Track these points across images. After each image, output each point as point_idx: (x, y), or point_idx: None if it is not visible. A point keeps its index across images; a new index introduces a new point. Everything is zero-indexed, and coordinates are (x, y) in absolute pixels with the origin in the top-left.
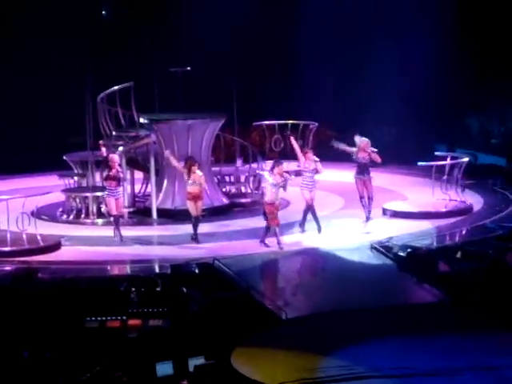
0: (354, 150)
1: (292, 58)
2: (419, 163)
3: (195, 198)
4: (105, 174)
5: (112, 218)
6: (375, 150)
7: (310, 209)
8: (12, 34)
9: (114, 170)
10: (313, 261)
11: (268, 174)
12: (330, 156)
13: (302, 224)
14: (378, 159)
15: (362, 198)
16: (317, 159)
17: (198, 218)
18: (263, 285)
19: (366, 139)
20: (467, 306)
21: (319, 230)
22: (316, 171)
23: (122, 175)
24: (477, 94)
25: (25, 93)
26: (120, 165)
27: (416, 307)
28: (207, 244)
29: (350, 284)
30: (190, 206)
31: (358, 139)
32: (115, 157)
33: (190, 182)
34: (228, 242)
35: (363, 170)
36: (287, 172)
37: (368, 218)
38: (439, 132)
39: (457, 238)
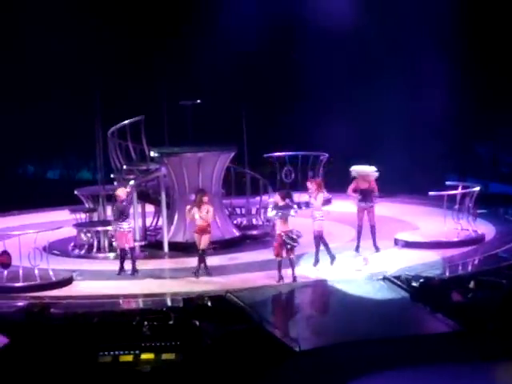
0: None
1: (303, 88)
2: (430, 193)
3: (201, 231)
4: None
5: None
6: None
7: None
8: (23, 67)
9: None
10: (325, 292)
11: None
12: (340, 186)
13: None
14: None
15: (361, 227)
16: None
17: (203, 251)
18: (276, 317)
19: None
20: (481, 335)
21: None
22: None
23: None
24: (487, 124)
25: (35, 128)
26: (122, 200)
27: (430, 337)
28: (219, 277)
29: (362, 315)
30: (197, 239)
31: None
32: (119, 191)
33: (197, 215)
34: (240, 275)
35: (365, 197)
36: (297, 203)
37: (358, 248)
38: (450, 162)
39: (469, 268)
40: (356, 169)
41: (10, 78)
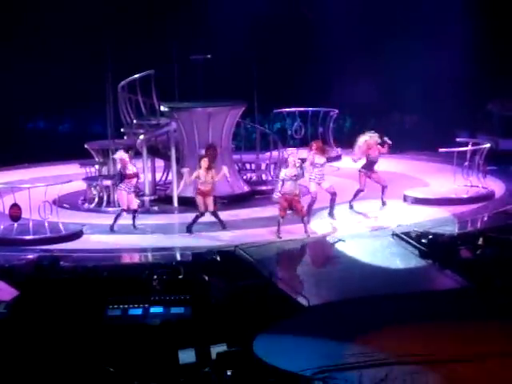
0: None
1: (314, 45)
2: (440, 149)
3: (205, 194)
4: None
5: (122, 212)
6: (389, 141)
7: (313, 202)
8: (34, 22)
9: (129, 168)
10: (334, 248)
11: (283, 168)
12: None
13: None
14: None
15: (362, 190)
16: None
17: (203, 214)
18: (285, 272)
19: (373, 136)
20: (490, 292)
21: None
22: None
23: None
24: (498, 80)
25: (44, 82)
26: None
27: (438, 294)
28: (228, 232)
29: (371, 271)
30: (199, 201)
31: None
32: (124, 156)
33: (202, 179)
34: (249, 230)
35: (371, 165)
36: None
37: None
38: (460, 118)
39: (479, 225)
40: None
41: (20, 30)
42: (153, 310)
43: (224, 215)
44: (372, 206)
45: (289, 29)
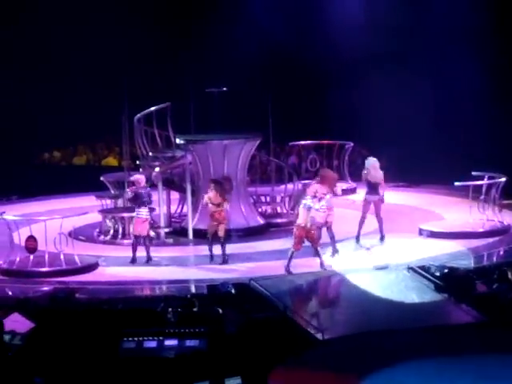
0: (364, 172)
1: (328, 78)
2: (456, 183)
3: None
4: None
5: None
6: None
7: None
8: (52, 53)
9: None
10: (349, 282)
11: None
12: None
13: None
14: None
15: (364, 218)
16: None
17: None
18: (300, 305)
19: (374, 159)
20: (506, 327)
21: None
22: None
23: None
24: None
25: (59, 113)
26: (142, 187)
27: (454, 328)
28: (243, 264)
29: (387, 305)
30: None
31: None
32: (140, 178)
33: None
34: (264, 263)
35: (374, 189)
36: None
37: (358, 238)
38: (476, 151)
39: (494, 259)
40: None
41: (37, 65)
42: (167, 342)
43: (239, 248)
44: (389, 240)
45: (304, 59)
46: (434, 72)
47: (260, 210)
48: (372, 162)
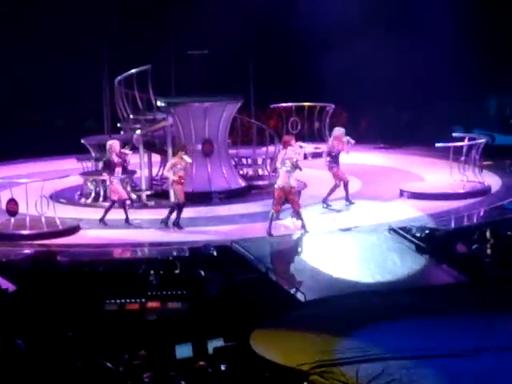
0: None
1: (310, 40)
2: (437, 144)
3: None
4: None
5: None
6: (352, 141)
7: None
8: (29, 14)
9: (114, 156)
10: (331, 243)
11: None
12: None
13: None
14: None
15: (346, 183)
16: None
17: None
18: (282, 267)
19: (342, 129)
20: (486, 286)
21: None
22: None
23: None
24: (495, 75)
25: (41, 76)
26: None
27: (435, 288)
28: (225, 227)
29: (367, 266)
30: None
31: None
32: (114, 144)
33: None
34: (245, 225)
35: (337, 158)
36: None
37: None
38: (457, 113)
39: (475, 219)
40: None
41: (17, 23)
42: (150, 304)
43: (221, 210)
44: (369, 201)
45: (286, 23)
46: (417, 34)
47: (241, 172)
48: (335, 132)
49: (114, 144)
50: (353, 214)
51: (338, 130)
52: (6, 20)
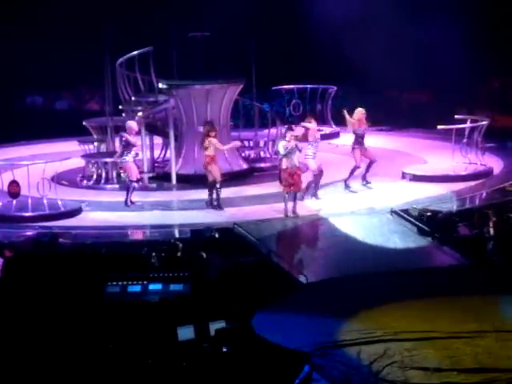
0: (352, 121)
1: (312, 23)
2: (439, 126)
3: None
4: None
5: (134, 183)
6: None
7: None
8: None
9: (132, 136)
10: (333, 226)
11: (282, 141)
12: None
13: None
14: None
15: (358, 167)
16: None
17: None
18: (284, 250)
19: (362, 110)
20: (488, 268)
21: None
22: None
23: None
24: (496, 57)
25: (43, 58)
26: (136, 133)
27: (437, 270)
28: (227, 209)
29: (370, 248)
30: (216, 170)
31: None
32: (133, 124)
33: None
34: (247, 207)
35: (362, 139)
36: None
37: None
38: (459, 95)
39: (477, 202)
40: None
41: (20, 7)
42: (152, 286)
43: (223, 192)
44: (371, 183)
45: (289, 4)
46: (421, 21)
47: (243, 154)
48: (356, 113)
49: (132, 124)
50: (355, 197)
51: (359, 111)
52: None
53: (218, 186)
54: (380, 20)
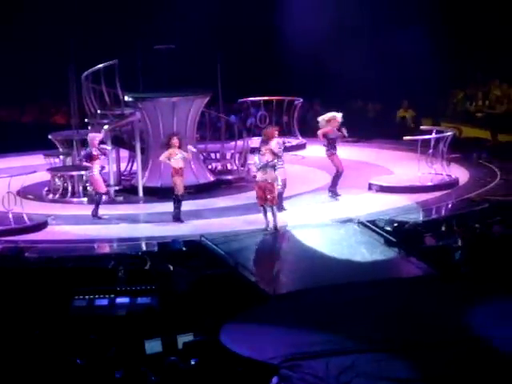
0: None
1: (278, 34)
2: (404, 138)
3: (182, 174)
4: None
5: (99, 196)
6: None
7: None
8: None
9: (94, 149)
10: (300, 237)
11: (257, 155)
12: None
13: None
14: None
15: (342, 171)
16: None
17: (183, 197)
18: (251, 261)
19: (339, 117)
20: (455, 279)
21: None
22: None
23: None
24: (461, 69)
25: (6, 72)
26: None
27: (403, 281)
28: (194, 221)
29: (337, 259)
30: (180, 183)
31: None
32: (94, 137)
33: (179, 155)
34: (214, 219)
35: (334, 144)
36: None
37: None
38: (423, 107)
39: (443, 212)
40: (322, 117)
41: None
42: (119, 300)
43: (189, 205)
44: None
45: (254, 17)
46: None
47: (210, 166)
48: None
49: (93, 137)
50: (322, 208)
51: (335, 118)
52: None
53: (179, 198)
54: (349, 32)
